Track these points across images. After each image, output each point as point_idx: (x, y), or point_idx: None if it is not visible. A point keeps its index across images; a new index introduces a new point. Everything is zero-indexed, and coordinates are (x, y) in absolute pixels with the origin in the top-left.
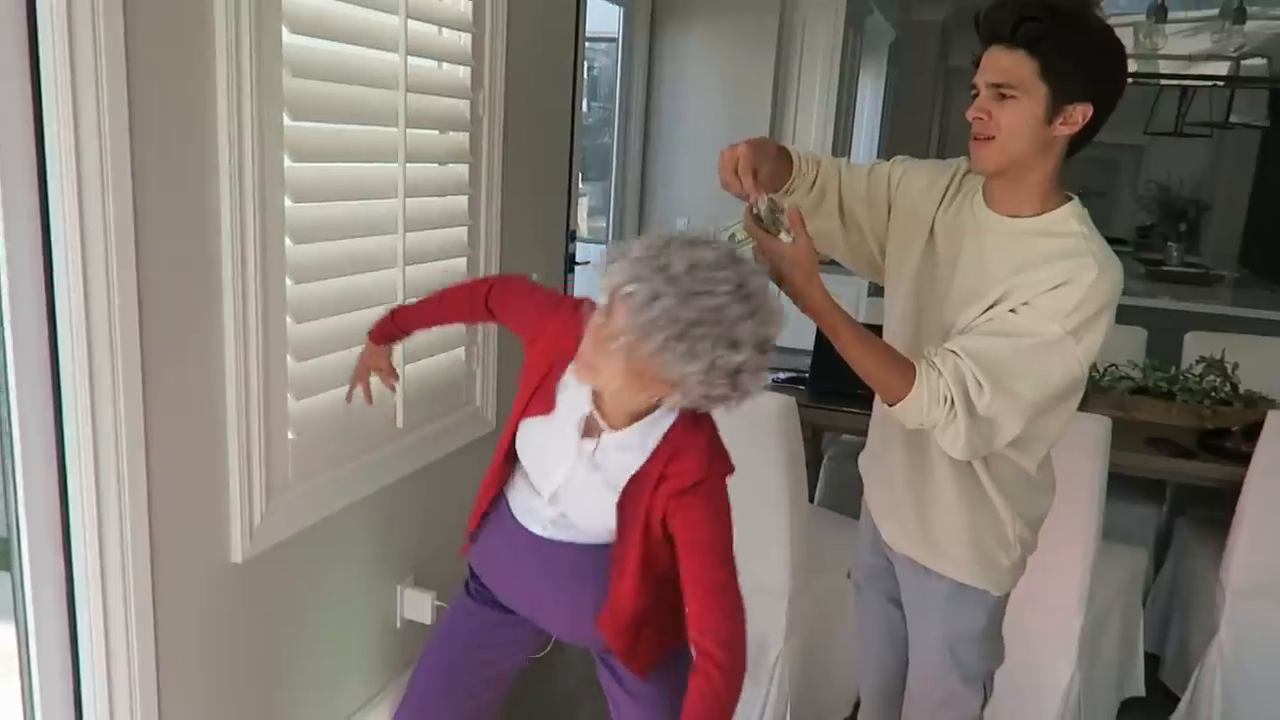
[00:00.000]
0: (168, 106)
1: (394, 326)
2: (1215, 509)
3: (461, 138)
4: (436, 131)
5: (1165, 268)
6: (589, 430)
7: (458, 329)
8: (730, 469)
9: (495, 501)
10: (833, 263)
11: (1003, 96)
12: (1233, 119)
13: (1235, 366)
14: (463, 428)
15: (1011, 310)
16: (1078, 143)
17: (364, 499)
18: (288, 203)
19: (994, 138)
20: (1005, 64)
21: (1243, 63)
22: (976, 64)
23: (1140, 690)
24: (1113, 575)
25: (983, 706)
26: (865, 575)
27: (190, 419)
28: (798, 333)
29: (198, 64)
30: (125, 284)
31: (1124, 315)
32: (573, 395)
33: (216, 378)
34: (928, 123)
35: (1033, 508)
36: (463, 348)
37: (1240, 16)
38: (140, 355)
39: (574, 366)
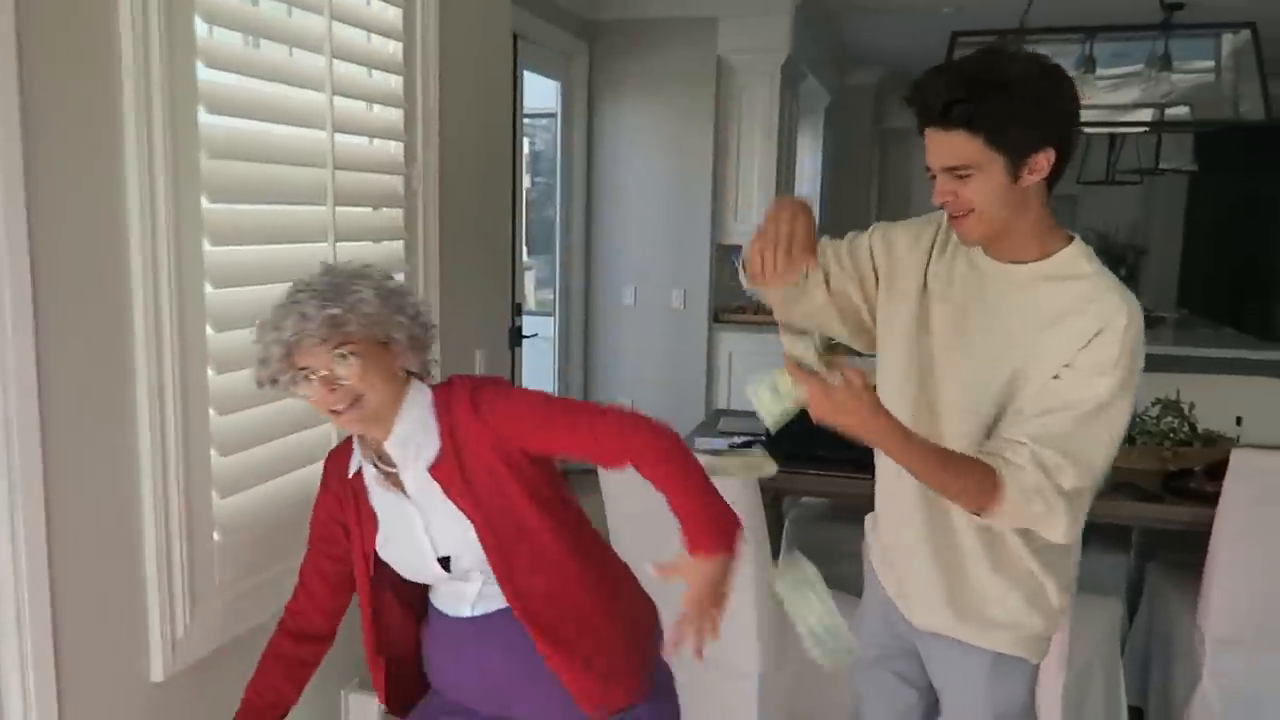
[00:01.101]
0: (77, 187)
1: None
2: (1184, 552)
3: (395, 214)
4: (369, 209)
5: None
6: (390, 481)
7: None
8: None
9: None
10: None
11: (960, 176)
12: (1162, 165)
13: (1192, 406)
14: None
15: (1055, 377)
16: (1054, 178)
17: None
18: (208, 289)
19: (971, 211)
20: (950, 146)
21: (1167, 111)
22: (920, 131)
23: None
24: (1091, 628)
25: None
26: (874, 655)
27: (101, 521)
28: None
29: (106, 147)
30: (24, 371)
31: None
32: (370, 482)
33: (129, 475)
34: (866, 183)
35: (1065, 569)
36: None
37: (1166, 64)
38: (40, 450)
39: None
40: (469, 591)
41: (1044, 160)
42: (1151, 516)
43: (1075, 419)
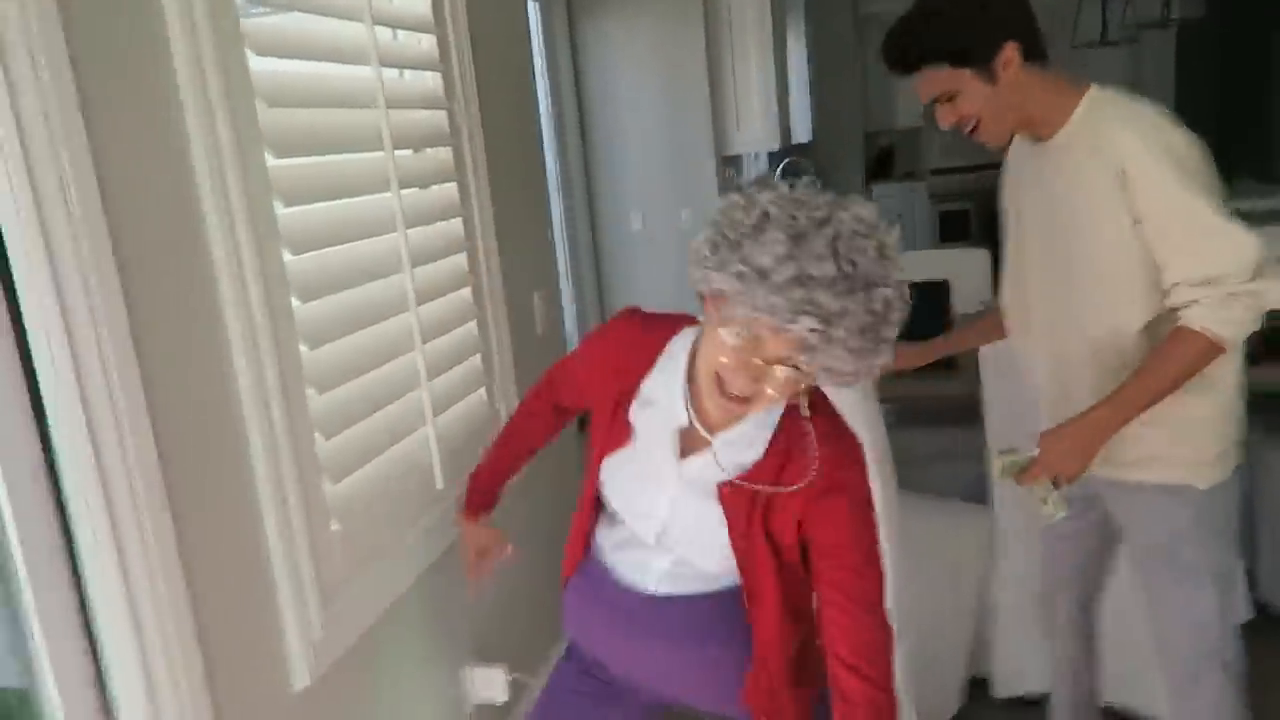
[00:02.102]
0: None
1: (480, 495)
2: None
3: (444, 153)
4: (410, 151)
5: None
6: (686, 447)
7: (474, 370)
8: (863, 463)
9: (584, 564)
10: None
11: (948, 99)
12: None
13: None
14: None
15: (1137, 223)
16: (1033, 56)
17: (417, 579)
18: (287, 256)
19: (977, 126)
20: (926, 83)
21: None
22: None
23: (1247, 613)
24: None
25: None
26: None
27: (223, 526)
28: None
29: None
30: (130, 383)
31: None
32: (654, 413)
33: (243, 471)
34: (852, 77)
35: (1204, 402)
36: (483, 388)
37: None
38: (152, 437)
39: (713, 398)
40: (656, 566)
41: (1010, 52)
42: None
43: (1186, 238)
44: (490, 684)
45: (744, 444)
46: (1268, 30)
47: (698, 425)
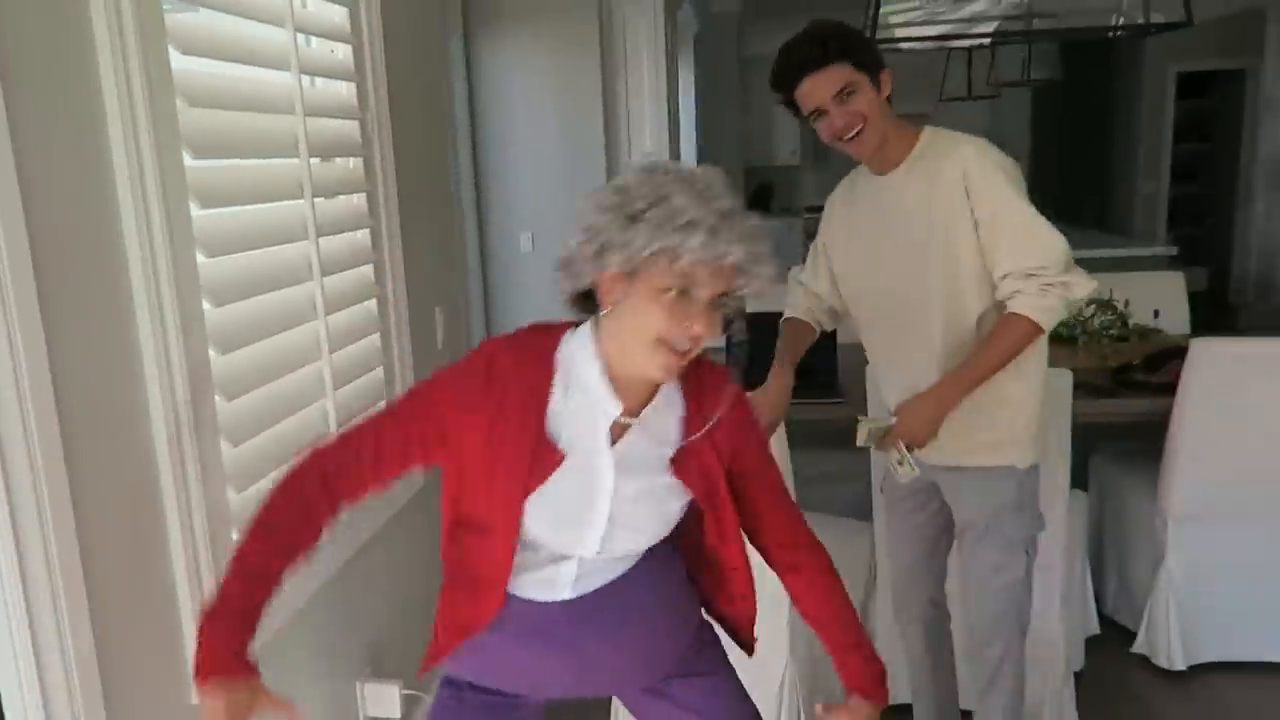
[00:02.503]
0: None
1: (235, 631)
2: (1128, 441)
3: (355, 164)
4: (318, 160)
5: None
6: (612, 437)
7: (375, 382)
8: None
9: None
10: None
11: (849, 95)
12: (1023, 77)
13: (1126, 303)
14: (398, 491)
15: (976, 227)
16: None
17: (315, 593)
18: (201, 258)
19: (863, 126)
20: (832, 77)
21: (1034, 21)
22: (790, 93)
23: (1096, 628)
24: (1071, 523)
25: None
26: (899, 493)
27: (127, 532)
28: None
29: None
30: (39, 382)
31: None
32: (575, 421)
33: (149, 474)
34: (735, 113)
35: (1009, 395)
36: (383, 401)
37: None
38: (60, 438)
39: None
40: (563, 575)
41: (887, 77)
42: (1107, 412)
43: (1013, 236)
44: (384, 700)
45: (665, 408)
46: (1109, 91)
47: (616, 397)
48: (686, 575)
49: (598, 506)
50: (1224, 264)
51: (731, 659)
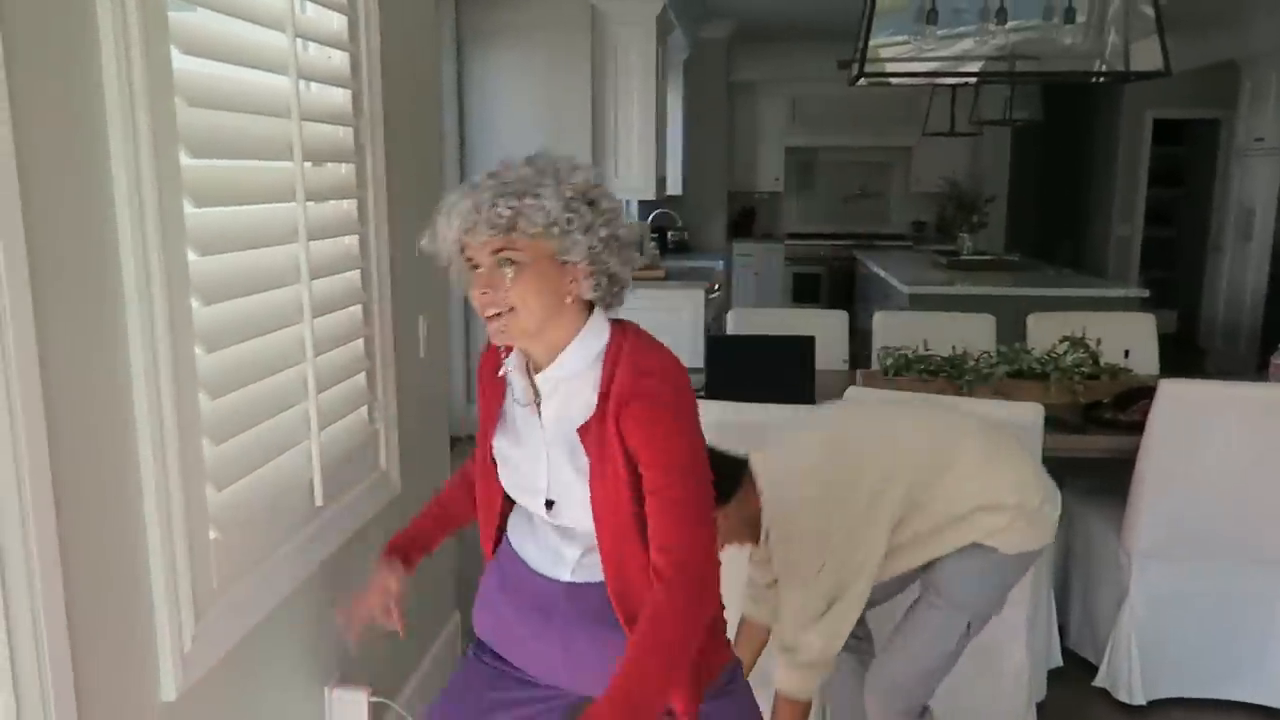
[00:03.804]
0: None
1: (400, 538)
2: (1094, 477)
3: (347, 170)
4: (311, 164)
5: (962, 258)
6: (533, 404)
7: (358, 388)
8: (683, 375)
9: (498, 553)
10: None
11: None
12: (1005, 116)
13: (1099, 342)
14: (372, 496)
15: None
16: None
17: (288, 595)
18: (192, 257)
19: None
20: None
21: (1019, 63)
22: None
23: (1059, 661)
24: None
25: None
26: None
27: (105, 526)
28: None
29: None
30: (28, 374)
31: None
32: (512, 401)
33: (130, 466)
34: (721, 136)
35: None
36: (365, 406)
37: (1002, 18)
38: (45, 428)
39: (498, 335)
40: (569, 555)
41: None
42: (1076, 447)
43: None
44: (352, 705)
45: (571, 376)
46: (1088, 134)
47: (527, 368)
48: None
49: (538, 470)
50: (1193, 308)
51: None
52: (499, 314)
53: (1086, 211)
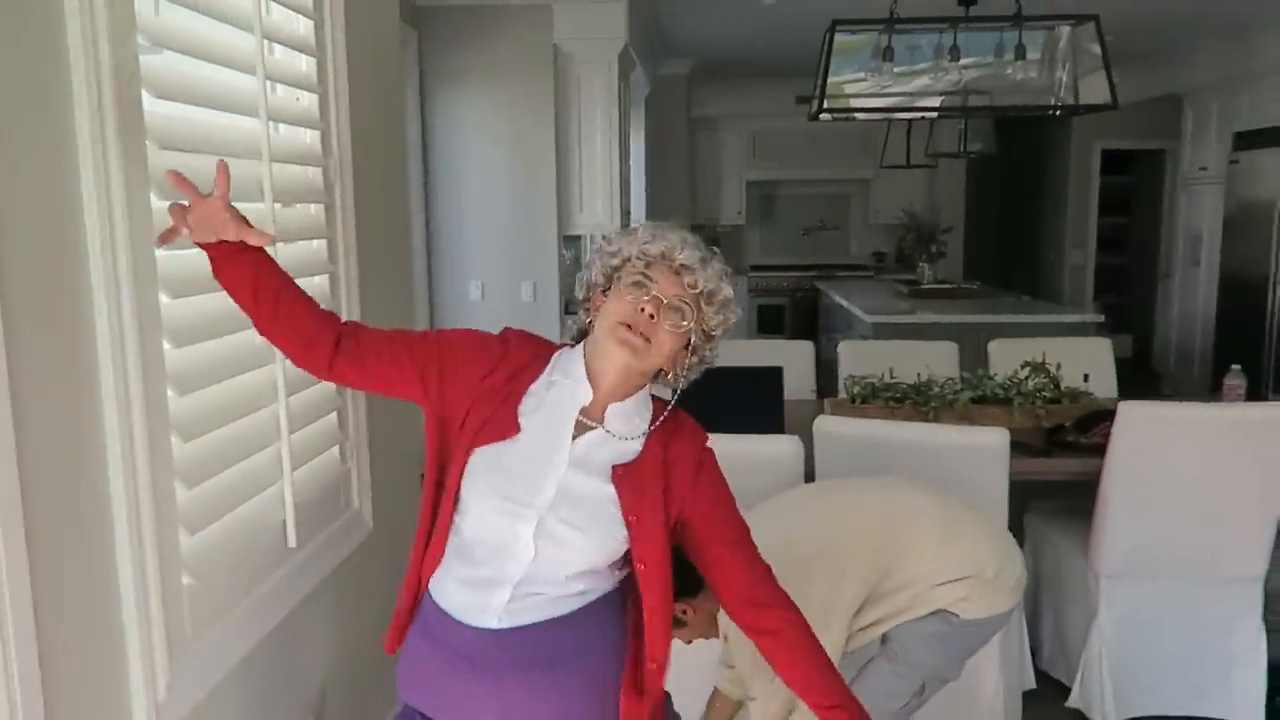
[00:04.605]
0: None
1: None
2: (1059, 500)
3: (317, 210)
4: (280, 205)
5: (922, 286)
6: (575, 432)
7: (330, 427)
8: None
9: (416, 612)
10: None
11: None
12: (959, 149)
13: (1059, 367)
14: (345, 535)
15: None
16: None
17: (261, 641)
18: (164, 299)
19: None
20: None
21: (973, 97)
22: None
23: (1032, 683)
24: None
25: None
26: None
27: (78, 573)
28: None
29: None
30: None
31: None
32: (549, 403)
33: (105, 527)
34: (682, 171)
35: None
36: (336, 446)
37: (955, 55)
38: (17, 472)
39: (608, 351)
40: (496, 601)
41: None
42: (1041, 470)
43: None
44: None
45: (628, 416)
46: (1040, 165)
47: (586, 416)
48: (623, 639)
49: (543, 487)
50: (1147, 332)
51: None
52: (643, 336)
53: (1040, 240)
